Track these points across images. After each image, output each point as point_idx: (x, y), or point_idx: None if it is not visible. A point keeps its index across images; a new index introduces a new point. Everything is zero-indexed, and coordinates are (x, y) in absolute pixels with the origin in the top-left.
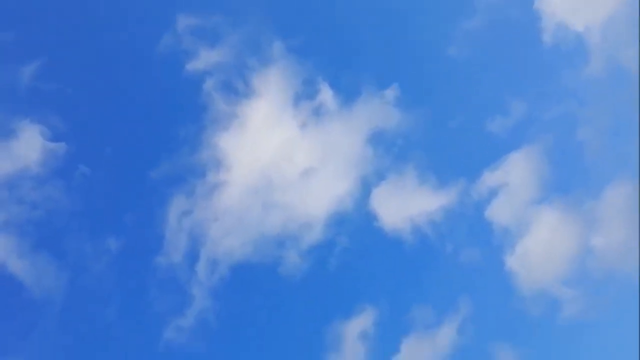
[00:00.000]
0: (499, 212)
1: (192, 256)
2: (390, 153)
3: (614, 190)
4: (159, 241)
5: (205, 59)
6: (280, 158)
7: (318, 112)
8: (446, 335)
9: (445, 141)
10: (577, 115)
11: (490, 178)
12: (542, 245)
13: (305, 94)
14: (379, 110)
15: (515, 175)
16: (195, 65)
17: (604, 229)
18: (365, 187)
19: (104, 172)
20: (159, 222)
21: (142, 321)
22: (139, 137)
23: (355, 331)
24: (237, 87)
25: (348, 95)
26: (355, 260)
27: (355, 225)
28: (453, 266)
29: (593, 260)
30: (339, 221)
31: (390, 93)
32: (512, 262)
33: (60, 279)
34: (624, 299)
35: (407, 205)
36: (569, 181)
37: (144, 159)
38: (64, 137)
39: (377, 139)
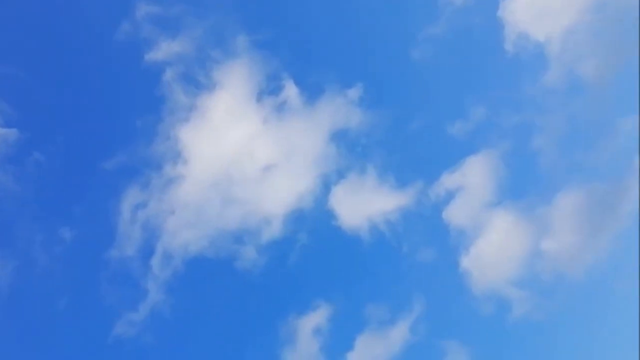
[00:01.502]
0: (455, 214)
1: (147, 249)
2: (351, 152)
3: (565, 196)
4: (112, 233)
5: (165, 49)
6: (241, 153)
7: (281, 109)
8: (399, 332)
9: (405, 142)
10: (534, 123)
11: (448, 180)
12: (495, 246)
13: (268, 89)
14: (341, 109)
15: (472, 179)
16: (155, 55)
17: (555, 234)
18: (325, 185)
19: (56, 161)
20: (112, 214)
21: (92, 315)
22: (93, 127)
23: (309, 327)
24: (198, 79)
25: (312, 92)
26: (312, 257)
27: (313, 222)
28: (408, 265)
29: (543, 262)
30: (297, 218)
31: (354, 93)
32: (467, 262)
33: (6, 268)
34: (571, 300)
35: (365, 204)
36: (523, 186)
37: (97, 149)
38: (15, 123)
39: (339, 138)
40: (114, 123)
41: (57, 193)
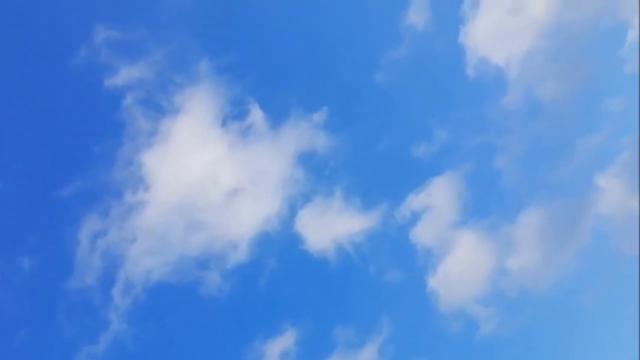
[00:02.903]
0: (421, 234)
1: (107, 278)
2: (317, 175)
3: (528, 215)
4: (70, 263)
5: (125, 74)
6: (205, 177)
7: (247, 133)
8: (368, 354)
9: (370, 165)
10: (496, 144)
11: (414, 201)
12: (462, 265)
13: (233, 114)
14: (307, 133)
15: (437, 199)
16: (114, 80)
17: (519, 251)
18: (292, 209)
19: (12, 188)
20: (70, 243)
21: (51, 348)
22: (50, 153)
23: (277, 351)
24: (160, 104)
25: (277, 116)
26: (278, 281)
27: (280, 246)
28: (376, 287)
29: (508, 280)
30: (263, 242)
31: (319, 116)
32: (434, 282)
33: None
34: (537, 316)
35: (332, 226)
36: (487, 205)
37: (54, 176)
38: None
39: (305, 161)
40: (71, 149)
41: (13, 222)
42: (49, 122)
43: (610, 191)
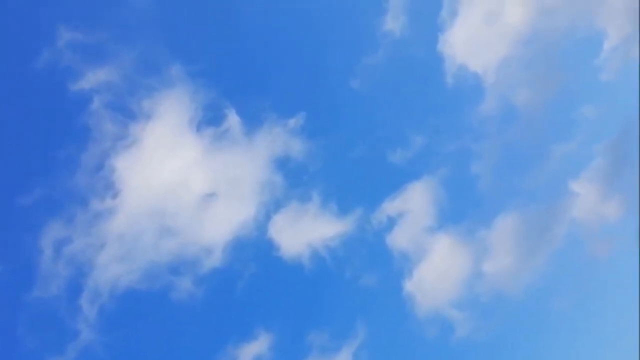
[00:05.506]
0: (397, 239)
1: (74, 287)
2: (292, 181)
3: (503, 220)
4: (32, 273)
5: (91, 78)
6: (178, 182)
7: (222, 138)
8: (343, 359)
9: (347, 170)
10: (472, 150)
11: (390, 206)
12: (438, 270)
13: (208, 118)
14: (283, 138)
15: (413, 204)
16: (79, 84)
17: (494, 256)
18: (267, 214)
19: None
20: (32, 252)
21: None
22: (8, 160)
23: (250, 356)
24: (130, 108)
25: (254, 122)
26: (253, 286)
27: (254, 251)
28: (351, 291)
29: (483, 284)
30: (237, 247)
31: (295, 122)
32: (410, 286)
33: None
34: (511, 319)
35: (307, 232)
36: (463, 210)
37: (13, 183)
38: None
39: (281, 167)
40: (34, 155)
41: None
42: (10, 127)
43: (584, 197)
